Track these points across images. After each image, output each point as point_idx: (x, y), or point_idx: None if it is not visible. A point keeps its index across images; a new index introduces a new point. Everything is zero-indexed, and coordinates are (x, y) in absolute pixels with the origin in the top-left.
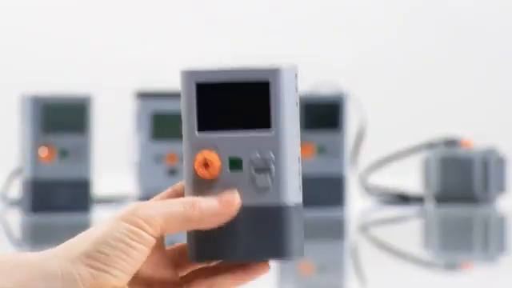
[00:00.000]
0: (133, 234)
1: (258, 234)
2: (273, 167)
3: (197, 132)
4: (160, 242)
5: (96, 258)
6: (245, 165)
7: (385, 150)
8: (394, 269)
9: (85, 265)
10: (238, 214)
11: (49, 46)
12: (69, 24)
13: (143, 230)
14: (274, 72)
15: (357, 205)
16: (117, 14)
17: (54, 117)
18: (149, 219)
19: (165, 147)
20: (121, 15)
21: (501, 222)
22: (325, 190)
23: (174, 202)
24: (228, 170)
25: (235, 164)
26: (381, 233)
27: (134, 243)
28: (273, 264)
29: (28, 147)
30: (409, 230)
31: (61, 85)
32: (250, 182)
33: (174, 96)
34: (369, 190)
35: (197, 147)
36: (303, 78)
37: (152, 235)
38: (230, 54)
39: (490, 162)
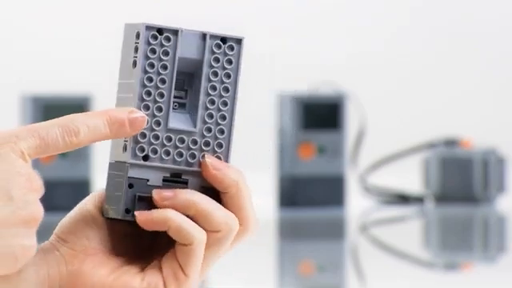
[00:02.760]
0: None
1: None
2: None
3: None
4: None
5: None
6: None
7: (385, 150)
8: (393, 269)
9: None
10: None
11: (49, 46)
12: (69, 24)
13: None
14: None
15: (357, 205)
16: (116, 14)
17: (53, 117)
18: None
19: None
20: (121, 15)
21: (501, 221)
22: (325, 190)
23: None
24: None
25: None
26: (381, 233)
27: None
28: (273, 263)
29: None
30: (409, 230)
31: (61, 85)
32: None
33: None
34: (369, 190)
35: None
36: (303, 78)
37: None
38: None
39: (489, 162)
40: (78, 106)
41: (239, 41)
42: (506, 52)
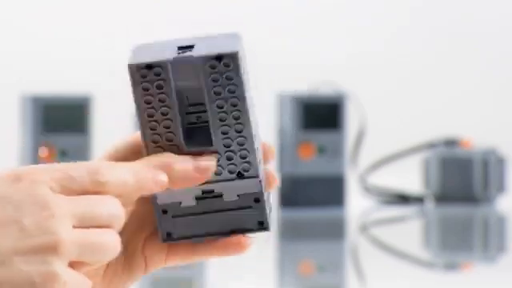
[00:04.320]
0: None
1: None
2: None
3: None
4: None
5: None
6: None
7: (385, 149)
8: (393, 269)
9: None
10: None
11: (49, 46)
12: (69, 24)
13: None
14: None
15: (357, 205)
16: (116, 15)
17: (54, 117)
18: None
19: None
20: (120, 15)
21: (501, 222)
22: (325, 190)
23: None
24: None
25: None
26: (381, 233)
27: None
28: (273, 263)
29: (28, 147)
30: (409, 230)
31: (61, 85)
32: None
33: None
34: (369, 190)
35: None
36: (303, 78)
37: None
38: None
39: (490, 162)
40: (78, 106)
41: (233, 55)
42: (506, 52)
